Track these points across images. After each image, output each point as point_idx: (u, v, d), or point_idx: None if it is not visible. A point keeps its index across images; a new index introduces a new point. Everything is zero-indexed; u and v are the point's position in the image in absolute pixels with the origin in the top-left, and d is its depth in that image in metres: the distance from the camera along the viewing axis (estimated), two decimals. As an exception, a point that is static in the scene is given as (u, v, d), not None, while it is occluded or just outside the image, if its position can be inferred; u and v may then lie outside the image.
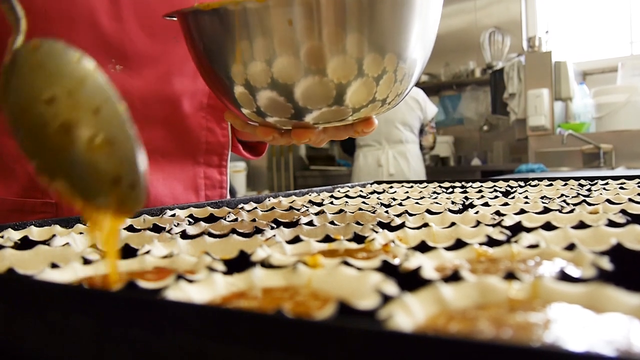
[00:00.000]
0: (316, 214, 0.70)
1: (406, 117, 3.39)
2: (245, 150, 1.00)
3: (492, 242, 0.44)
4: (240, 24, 0.51)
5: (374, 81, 0.53)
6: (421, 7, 0.54)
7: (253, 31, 0.50)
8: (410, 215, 0.64)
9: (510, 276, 0.30)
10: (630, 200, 0.69)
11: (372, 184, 1.27)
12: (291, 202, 0.88)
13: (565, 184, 1.02)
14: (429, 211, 0.67)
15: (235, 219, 0.67)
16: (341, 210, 0.72)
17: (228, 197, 1.00)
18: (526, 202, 0.72)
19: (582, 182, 1.04)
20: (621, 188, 0.89)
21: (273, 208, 0.80)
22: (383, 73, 0.53)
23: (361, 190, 1.08)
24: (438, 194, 0.94)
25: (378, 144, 3.46)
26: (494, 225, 0.53)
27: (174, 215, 0.73)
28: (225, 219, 0.66)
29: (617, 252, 0.37)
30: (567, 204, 0.68)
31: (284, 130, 0.63)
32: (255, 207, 0.81)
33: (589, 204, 0.66)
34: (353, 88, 0.52)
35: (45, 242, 0.51)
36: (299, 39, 0.50)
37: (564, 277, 0.31)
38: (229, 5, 0.51)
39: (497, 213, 0.63)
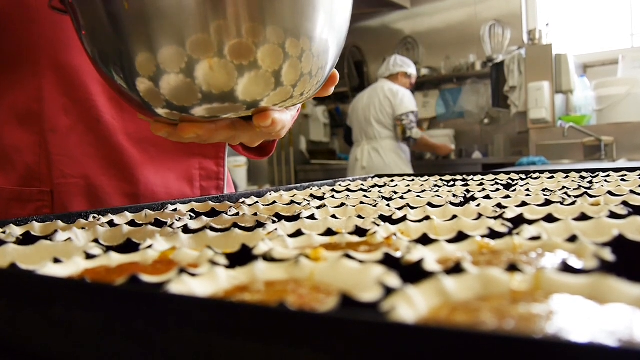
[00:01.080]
0: (318, 207, 0.70)
1: (379, 115, 3.72)
2: (250, 151, 0.97)
3: (493, 235, 0.44)
4: (126, 10, 0.44)
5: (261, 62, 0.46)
6: None
7: (137, 18, 0.44)
8: (412, 208, 0.64)
9: (513, 268, 0.30)
10: (632, 192, 0.69)
11: (373, 177, 1.27)
12: (292, 196, 0.88)
13: (567, 177, 1.02)
14: (430, 204, 0.67)
15: (237, 213, 0.67)
16: (343, 204, 0.72)
17: (226, 189, 0.99)
18: (528, 195, 0.72)
19: (584, 174, 1.04)
20: (622, 180, 0.89)
21: (274, 202, 0.80)
22: (263, 44, 0.45)
23: (362, 184, 1.08)
24: (439, 187, 0.94)
25: (359, 141, 3.84)
26: (495, 218, 0.53)
27: (175, 210, 0.73)
28: (226, 214, 0.67)
29: (619, 244, 0.37)
30: (569, 196, 0.68)
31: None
32: (257, 202, 0.81)
33: (591, 196, 0.66)
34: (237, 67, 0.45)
35: (47, 237, 0.51)
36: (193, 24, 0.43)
37: (566, 268, 0.31)
38: None
39: (499, 206, 0.63)
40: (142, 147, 0.89)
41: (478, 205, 0.63)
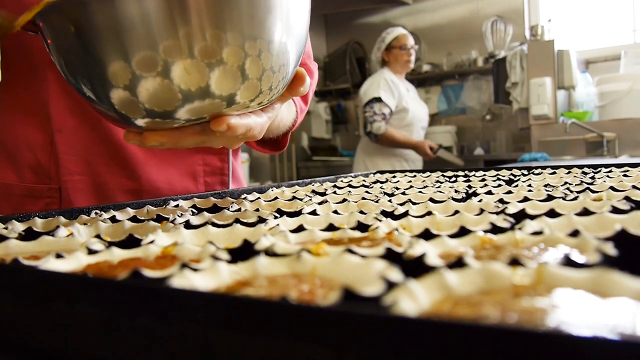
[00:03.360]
0: (319, 203, 0.70)
1: (359, 113, 3.58)
2: (266, 146, 0.98)
3: (496, 230, 0.44)
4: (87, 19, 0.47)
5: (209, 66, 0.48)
6: None
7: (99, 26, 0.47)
8: (414, 204, 0.64)
9: (515, 262, 0.30)
10: (634, 187, 0.69)
11: (374, 173, 1.27)
12: (294, 192, 0.88)
13: (569, 172, 1.01)
14: (432, 200, 0.67)
15: (239, 209, 0.67)
16: (344, 200, 0.72)
17: (232, 185, 1.00)
18: (530, 190, 0.72)
19: (586, 170, 1.04)
20: (625, 175, 0.89)
21: (276, 198, 0.80)
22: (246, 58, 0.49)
23: (364, 180, 1.08)
24: (441, 183, 0.94)
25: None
26: (497, 213, 0.53)
27: (177, 205, 0.73)
28: (228, 209, 0.67)
29: (621, 238, 0.37)
30: (571, 191, 0.68)
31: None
32: (259, 197, 0.81)
33: (593, 191, 0.66)
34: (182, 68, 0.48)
35: (49, 233, 0.51)
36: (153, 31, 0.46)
37: (568, 262, 0.31)
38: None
39: (501, 201, 0.63)
40: None
41: (480, 200, 0.63)
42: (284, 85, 0.56)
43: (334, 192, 0.86)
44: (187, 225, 0.56)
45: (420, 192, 0.78)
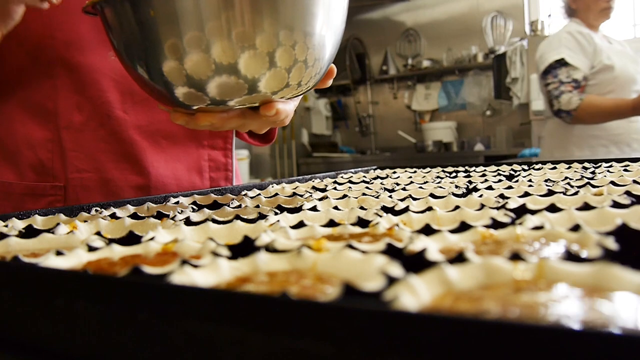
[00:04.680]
0: (320, 199, 0.70)
1: (541, 87, 2.41)
2: (255, 138, 1.00)
3: (496, 225, 0.44)
4: (155, 10, 0.52)
5: (267, 55, 0.53)
6: None
7: (165, 16, 0.51)
8: (414, 199, 0.64)
9: (516, 257, 0.30)
10: (635, 181, 0.68)
11: (375, 169, 1.27)
12: (294, 188, 0.88)
13: (569, 167, 1.01)
14: (432, 195, 0.67)
15: (239, 206, 0.67)
16: (345, 196, 0.72)
17: (234, 181, 1.00)
18: (530, 185, 0.71)
19: (586, 165, 1.03)
20: (625, 170, 0.89)
21: (276, 194, 0.80)
22: (278, 47, 0.53)
23: (364, 176, 1.08)
24: (441, 178, 0.94)
25: None
26: (498, 208, 0.53)
27: (177, 202, 0.73)
28: (228, 206, 0.66)
29: (622, 232, 0.37)
30: (572, 186, 0.68)
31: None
32: (259, 194, 0.81)
33: (593, 186, 0.66)
34: (246, 59, 0.53)
35: (49, 231, 0.51)
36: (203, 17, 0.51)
37: (569, 257, 0.31)
38: None
39: (501, 196, 0.62)
40: (154, 139, 0.91)
41: (480, 196, 0.63)
42: (315, 81, 0.60)
43: (335, 188, 0.85)
44: (188, 221, 0.56)
45: (420, 187, 0.78)
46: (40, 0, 0.65)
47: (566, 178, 0.80)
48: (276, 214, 0.59)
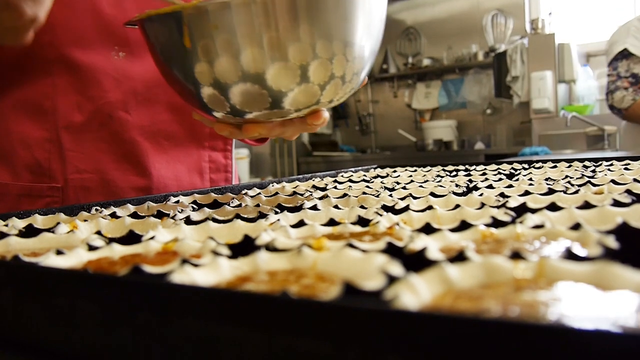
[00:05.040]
0: (320, 198, 0.70)
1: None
2: (252, 138, 1.00)
3: (497, 224, 0.44)
4: (198, 25, 0.53)
5: (328, 62, 0.56)
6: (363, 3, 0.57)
7: (208, 31, 0.53)
8: (415, 198, 0.64)
9: (516, 256, 0.30)
10: (635, 180, 0.68)
11: (375, 168, 1.27)
12: (295, 187, 0.88)
13: (570, 166, 1.01)
14: (433, 194, 0.67)
15: (239, 205, 0.67)
16: (345, 195, 0.72)
17: (234, 181, 1.00)
18: (530, 184, 0.71)
19: (587, 163, 1.03)
20: (626, 169, 0.89)
21: (277, 193, 0.80)
22: (333, 57, 0.55)
23: (365, 175, 1.08)
24: (442, 177, 0.94)
25: None
26: (498, 207, 0.53)
27: (177, 201, 0.73)
28: (229, 205, 0.66)
29: (622, 231, 0.37)
30: (572, 185, 0.68)
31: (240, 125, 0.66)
32: (259, 193, 0.81)
33: (594, 185, 0.66)
34: (312, 69, 0.55)
35: (49, 230, 0.51)
36: (257, 32, 0.53)
37: (570, 256, 0.31)
38: (185, 9, 0.53)
39: (502, 195, 0.62)
40: (155, 140, 0.90)
41: (481, 194, 0.63)
42: (347, 95, 0.64)
43: (335, 187, 0.85)
44: (188, 221, 0.56)
45: (421, 186, 0.78)
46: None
47: (567, 177, 0.80)
48: (276, 213, 0.59)
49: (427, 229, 0.44)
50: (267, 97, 0.56)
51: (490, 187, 0.72)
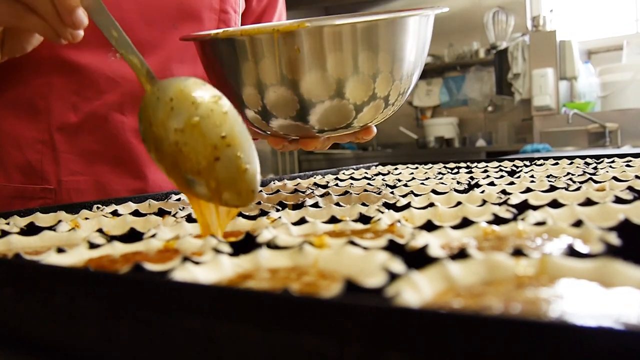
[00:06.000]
0: (321, 195, 0.70)
1: None
2: None
3: (498, 221, 0.44)
4: (255, 51, 0.58)
5: (371, 80, 0.59)
6: (414, 27, 0.62)
7: (263, 57, 0.57)
8: (416, 195, 0.64)
9: (518, 253, 0.30)
10: (637, 177, 0.68)
11: (376, 165, 1.27)
12: (296, 185, 0.88)
13: (571, 163, 1.01)
14: (434, 191, 0.67)
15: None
16: (346, 192, 0.72)
17: None
18: (532, 181, 0.71)
19: (588, 160, 1.03)
20: (627, 166, 0.88)
21: (278, 191, 0.79)
22: (377, 73, 0.59)
23: (366, 172, 1.08)
24: (443, 174, 0.94)
25: None
26: (500, 204, 0.53)
27: (179, 199, 0.73)
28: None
29: (624, 228, 0.37)
30: (574, 182, 0.68)
31: (292, 139, 0.70)
32: (260, 190, 0.81)
33: (596, 182, 0.66)
34: (351, 85, 0.58)
35: (50, 228, 0.51)
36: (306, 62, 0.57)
37: (572, 252, 0.31)
38: (245, 36, 0.58)
39: (503, 192, 0.62)
40: None
41: (482, 191, 0.63)
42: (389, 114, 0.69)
43: (336, 185, 0.85)
44: (189, 218, 0.56)
45: (422, 183, 0.78)
46: (57, 36, 0.62)
47: (568, 174, 0.80)
48: (278, 210, 0.59)
49: (429, 226, 0.44)
50: (349, 114, 0.61)
51: (491, 184, 0.72)
